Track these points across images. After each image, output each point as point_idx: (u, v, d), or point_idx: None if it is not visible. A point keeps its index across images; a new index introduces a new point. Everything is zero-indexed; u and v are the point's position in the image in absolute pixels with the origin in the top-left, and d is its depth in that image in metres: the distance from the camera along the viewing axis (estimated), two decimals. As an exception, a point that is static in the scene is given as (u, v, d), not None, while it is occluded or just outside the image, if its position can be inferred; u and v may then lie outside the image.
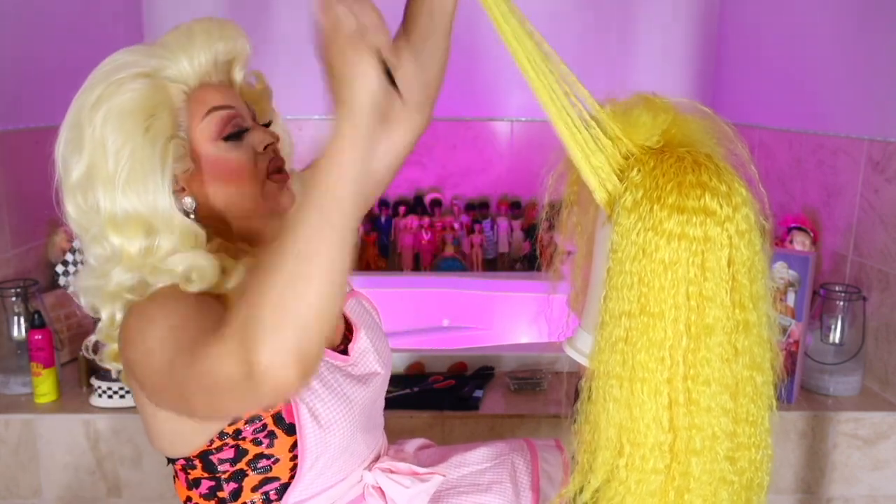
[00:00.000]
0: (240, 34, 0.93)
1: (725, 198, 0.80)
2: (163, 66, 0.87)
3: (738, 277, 0.81)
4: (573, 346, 0.91)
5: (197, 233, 0.86)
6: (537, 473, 1.11)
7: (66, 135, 0.85)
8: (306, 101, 2.07)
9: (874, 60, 1.77)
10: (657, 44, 2.73)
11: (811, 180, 2.03)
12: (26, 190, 1.86)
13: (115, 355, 0.91)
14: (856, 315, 1.71)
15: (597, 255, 0.88)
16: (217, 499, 0.91)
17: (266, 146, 0.92)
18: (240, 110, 0.91)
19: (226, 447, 0.88)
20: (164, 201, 0.84)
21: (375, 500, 0.99)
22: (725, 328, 0.81)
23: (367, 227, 2.79)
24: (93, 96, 0.83)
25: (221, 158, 0.89)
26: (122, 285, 0.84)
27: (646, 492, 0.82)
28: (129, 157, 0.82)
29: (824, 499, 1.68)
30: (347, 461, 0.96)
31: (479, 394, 1.70)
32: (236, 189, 0.89)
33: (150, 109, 0.84)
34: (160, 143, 0.84)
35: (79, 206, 0.85)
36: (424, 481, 1.01)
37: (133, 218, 0.83)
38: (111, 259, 0.84)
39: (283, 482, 0.91)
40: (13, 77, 1.84)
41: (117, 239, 0.83)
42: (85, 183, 0.84)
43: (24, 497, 1.63)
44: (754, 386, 0.84)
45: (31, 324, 1.63)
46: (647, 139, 0.84)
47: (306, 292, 0.66)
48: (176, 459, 0.91)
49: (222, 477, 0.90)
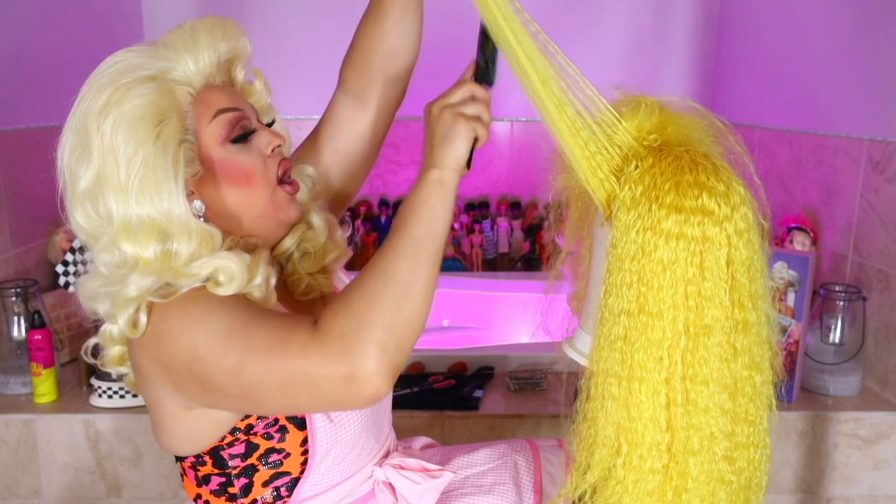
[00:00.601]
0: (242, 33, 0.93)
1: (723, 197, 0.80)
2: (168, 67, 0.86)
3: (736, 277, 0.81)
4: (573, 347, 0.91)
5: (213, 234, 0.86)
6: (540, 474, 1.11)
7: (72, 141, 0.83)
8: (306, 100, 2.07)
9: (874, 60, 1.77)
10: (657, 44, 2.73)
11: (811, 180, 2.03)
12: (26, 190, 1.86)
13: (120, 358, 0.91)
14: (856, 315, 1.71)
15: (596, 254, 0.88)
16: (228, 495, 0.91)
17: (273, 148, 0.91)
18: (246, 112, 0.91)
19: (237, 442, 0.88)
20: (179, 208, 0.83)
21: (386, 496, 0.99)
22: (724, 328, 0.81)
23: (367, 228, 2.79)
24: (99, 101, 0.82)
25: (230, 161, 0.88)
26: (145, 289, 0.83)
27: (643, 491, 0.83)
28: (141, 164, 0.81)
29: (824, 499, 1.68)
30: (358, 457, 0.96)
31: (479, 394, 1.70)
32: (246, 191, 0.89)
33: (159, 115, 0.83)
34: (171, 149, 0.83)
35: (88, 214, 0.84)
36: (435, 478, 1.01)
37: (147, 224, 0.82)
38: (123, 266, 0.84)
39: (293, 477, 0.91)
40: (13, 77, 1.84)
41: (130, 247, 0.82)
42: (95, 191, 0.82)
43: (24, 497, 1.63)
44: (753, 385, 0.84)
45: (31, 324, 1.63)
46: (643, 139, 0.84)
47: (408, 312, 0.77)
48: (185, 457, 0.92)
49: (233, 473, 0.90)
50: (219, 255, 0.84)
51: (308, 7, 2.64)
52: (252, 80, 0.97)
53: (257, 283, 0.86)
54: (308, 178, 1.01)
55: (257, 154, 0.90)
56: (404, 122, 2.79)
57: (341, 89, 1.07)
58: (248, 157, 0.89)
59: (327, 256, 1.01)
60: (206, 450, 0.89)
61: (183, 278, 0.83)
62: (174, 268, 0.83)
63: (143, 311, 0.83)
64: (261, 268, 0.87)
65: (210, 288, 0.83)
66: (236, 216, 0.90)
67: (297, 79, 1.86)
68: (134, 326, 0.83)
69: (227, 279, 0.83)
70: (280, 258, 0.99)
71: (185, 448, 0.90)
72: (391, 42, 1.01)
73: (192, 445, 0.89)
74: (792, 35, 2.16)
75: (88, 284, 0.87)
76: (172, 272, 0.83)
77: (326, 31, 2.63)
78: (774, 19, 2.28)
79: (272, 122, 0.97)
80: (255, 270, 0.86)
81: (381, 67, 1.03)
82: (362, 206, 2.83)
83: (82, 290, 0.88)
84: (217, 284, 0.83)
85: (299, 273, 0.99)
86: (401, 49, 1.02)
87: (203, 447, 0.89)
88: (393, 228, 0.82)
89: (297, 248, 0.98)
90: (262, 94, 0.98)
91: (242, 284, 0.84)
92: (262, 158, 0.90)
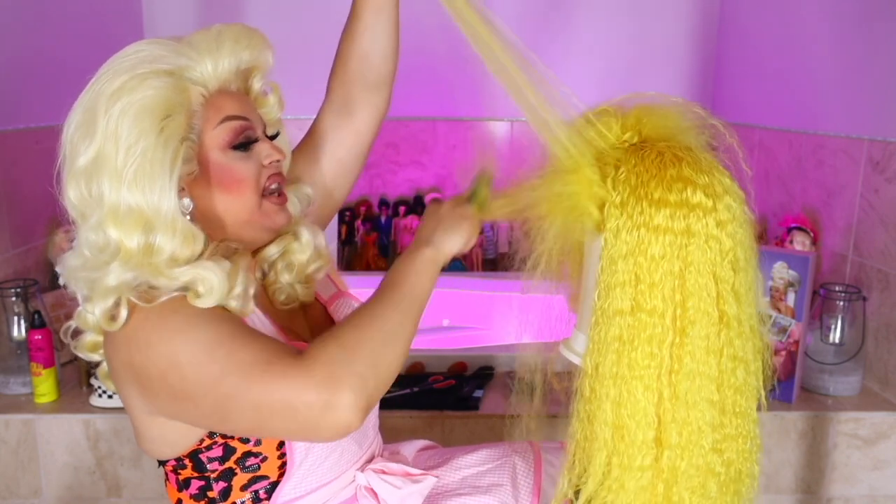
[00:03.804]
0: (266, 45, 0.94)
1: (706, 188, 0.80)
2: (188, 66, 0.87)
3: (721, 269, 0.81)
4: (569, 348, 0.92)
5: (196, 235, 0.86)
6: (540, 476, 1.10)
7: (78, 117, 0.84)
8: (306, 100, 2.07)
9: (874, 60, 1.77)
10: (657, 44, 2.73)
11: (811, 180, 2.03)
12: (26, 190, 1.86)
13: (92, 345, 0.91)
14: (856, 315, 1.71)
15: (590, 255, 0.88)
16: (207, 499, 0.91)
17: (271, 161, 0.92)
18: (253, 122, 0.92)
19: (215, 445, 0.88)
20: (169, 203, 0.83)
21: (368, 501, 0.99)
22: (710, 320, 0.81)
23: (367, 227, 2.79)
24: (114, 85, 0.83)
25: (227, 167, 0.89)
26: (124, 283, 0.83)
27: (637, 487, 0.83)
28: (140, 154, 0.82)
29: (824, 499, 1.68)
30: (338, 461, 0.96)
31: (479, 394, 1.70)
32: (236, 198, 0.90)
33: (167, 109, 0.83)
34: (172, 144, 0.83)
35: (81, 192, 0.84)
36: (417, 482, 1.01)
37: (135, 213, 0.83)
38: (106, 250, 0.84)
39: (272, 481, 0.91)
40: (13, 77, 1.84)
41: (115, 232, 0.83)
42: (91, 171, 0.83)
43: (24, 497, 1.63)
44: (740, 377, 0.84)
45: (31, 324, 1.63)
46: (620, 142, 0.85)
47: (389, 358, 0.83)
48: (167, 461, 0.92)
49: (212, 476, 0.90)
50: (201, 265, 0.84)
51: (308, 7, 2.64)
52: (267, 91, 0.98)
53: (236, 293, 0.86)
54: (305, 196, 1.02)
55: (254, 163, 0.91)
56: (404, 122, 2.79)
57: (327, 99, 1.10)
58: (245, 165, 0.90)
59: (310, 266, 1.01)
60: (184, 453, 0.89)
61: (162, 278, 0.83)
62: (154, 264, 0.83)
63: (123, 305, 0.83)
64: (240, 277, 0.87)
65: (189, 299, 0.84)
66: (221, 220, 0.90)
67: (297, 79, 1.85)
68: (112, 319, 0.83)
69: (206, 290, 0.83)
70: (262, 265, 0.99)
71: (163, 452, 0.90)
72: (364, 46, 1.04)
73: (170, 449, 0.89)
74: (792, 35, 2.16)
75: (69, 262, 0.88)
76: (152, 268, 0.83)
77: (326, 31, 2.63)
78: (774, 19, 2.28)
79: (276, 136, 0.97)
80: (234, 279, 0.86)
81: (359, 73, 1.06)
82: (362, 206, 2.83)
83: (63, 267, 0.89)
84: (196, 296, 0.84)
85: (280, 283, 0.99)
86: (375, 53, 1.05)
87: (180, 451, 0.89)
88: (386, 283, 0.89)
89: (281, 257, 0.99)
90: (273, 107, 0.99)
91: (222, 297, 0.84)
92: (258, 169, 0.91)
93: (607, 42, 2.72)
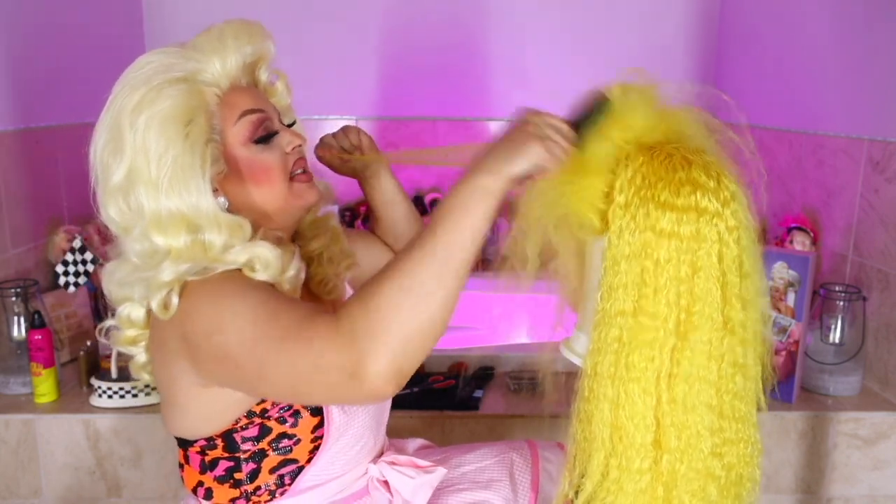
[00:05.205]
0: (266, 36, 0.96)
1: (715, 194, 0.80)
2: (198, 69, 0.90)
3: (727, 274, 0.81)
4: (569, 348, 0.92)
5: (242, 224, 0.89)
6: (537, 472, 1.12)
7: (105, 136, 0.87)
8: (309, 101, 2.06)
9: (874, 60, 1.77)
10: (657, 43, 2.73)
11: (811, 180, 2.03)
12: (26, 190, 1.85)
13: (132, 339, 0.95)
14: (856, 315, 1.71)
15: (592, 255, 0.88)
16: (233, 480, 0.93)
17: (294, 147, 0.96)
18: (269, 113, 0.95)
19: (251, 425, 0.91)
20: (207, 202, 0.87)
21: (381, 493, 1.01)
22: (715, 325, 0.81)
23: (367, 228, 2.78)
24: (133, 100, 0.86)
25: (253, 160, 0.92)
26: (182, 273, 0.86)
27: (636, 489, 0.83)
28: (171, 162, 0.85)
29: (824, 499, 1.68)
30: (359, 451, 0.99)
31: (479, 394, 1.70)
32: (267, 189, 0.93)
33: (189, 114, 0.86)
34: (199, 147, 0.86)
35: (120, 208, 0.88)
36: (429, 473, 1.03)
37: (177, 217, 0.86)
38: (155, 256, 0.87)
39: (300, 465, 0.94)
40: (13, 77, 1.84)
41: (161, 239, 0.86)
42: (126, 185, 0.86)
43: (24, 497, 1.63)
44: (739, 383, 0.84)
45: (31, 324, 1.63)
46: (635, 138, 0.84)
47: (423, 325, 0.76)
48: (193, 442, 0.93)
49: (242, 457, 0.92)
50: (256, 244, 0.88)
51: (309, 7, 2.65)
52: (274, 80, 1.01)
53: (290, 276, 0.90)
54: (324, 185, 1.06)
55: (278, 152, 0.94)
56: (404, 122, 2.80)
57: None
58: (270, 156, 0.93)
59: (344, 261, 1.07)
60: (218, 432, 0.91)
61: (220, 264, 0.87)
62: (211, 256, 0.87)
63: (175, 292, 0.86)
64: (294, 261, 0.91)
65: (245, 272, 0.87)
66: (260, 210, 0.94)
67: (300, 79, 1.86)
68: (165, 308, 0.86)
69: (262, 266, 0.87)
70: (305, 258, 1.02)
71: (196, 429, 0.92)
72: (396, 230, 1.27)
73: (206, 426, 0.91)
74: (792, 35, 2.16)
75: (118, 272, 0.91)
76: (209, 260, 0.87)
77: (333, 32, 2.64)
78: (774, 19, 2.28)
79: (293, 123, 1.01)
80: (289, 263, 0.90)
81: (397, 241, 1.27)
82: (362, 206, 2.83)
83: (111, 278, 0.92)
84: (252, 271, 0.87)
85: (324, 273, 1.04)
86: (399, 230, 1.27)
87: (216, 429, 0.91)
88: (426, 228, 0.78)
89: (326, 250, 1.05)
90: (283, 94, 1.02)
91: (276, 273, 0.88)
92: (283, 156, 0.94)
93: (607, 42, 2.72)
